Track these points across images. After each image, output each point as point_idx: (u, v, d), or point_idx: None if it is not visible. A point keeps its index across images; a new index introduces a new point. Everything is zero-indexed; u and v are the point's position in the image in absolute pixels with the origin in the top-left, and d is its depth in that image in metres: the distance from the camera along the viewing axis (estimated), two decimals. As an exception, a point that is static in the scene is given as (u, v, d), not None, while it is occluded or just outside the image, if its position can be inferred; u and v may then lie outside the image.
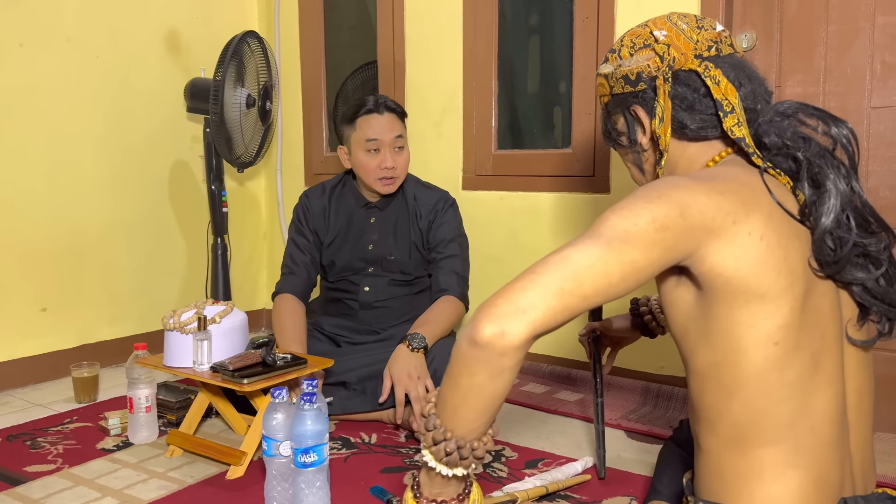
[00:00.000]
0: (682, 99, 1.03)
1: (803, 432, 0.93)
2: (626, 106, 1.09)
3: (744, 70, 1.04)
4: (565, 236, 2.38)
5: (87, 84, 2.53)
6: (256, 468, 1.65)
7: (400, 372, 1.84)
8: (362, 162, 2.10)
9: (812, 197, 0.95)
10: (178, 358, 1.70)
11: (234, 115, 2.48)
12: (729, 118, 1.00)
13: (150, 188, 2.74)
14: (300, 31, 3.03)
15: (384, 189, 2.12)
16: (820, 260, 0.94)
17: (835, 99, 1.93)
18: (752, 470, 0.93)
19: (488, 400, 0.91)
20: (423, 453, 0.98)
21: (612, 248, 0.87)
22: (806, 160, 0.97)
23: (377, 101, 2.10)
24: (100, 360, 2.37)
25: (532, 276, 0.87)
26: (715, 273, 0.90)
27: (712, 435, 0.97)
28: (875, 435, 1.87)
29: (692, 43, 1.04)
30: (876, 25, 1.86)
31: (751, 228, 0.90)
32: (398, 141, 2.10)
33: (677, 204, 0.89)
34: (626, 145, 1.13)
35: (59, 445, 1.84)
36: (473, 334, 0.86)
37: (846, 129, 0.99)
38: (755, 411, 0.93)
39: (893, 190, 1.87)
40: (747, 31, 2.03)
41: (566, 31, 2.38)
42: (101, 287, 2.60)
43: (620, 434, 1.92)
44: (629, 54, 1.08)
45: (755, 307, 0.90)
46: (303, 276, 2.17)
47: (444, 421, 0.95)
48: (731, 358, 0.93)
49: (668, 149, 1.05)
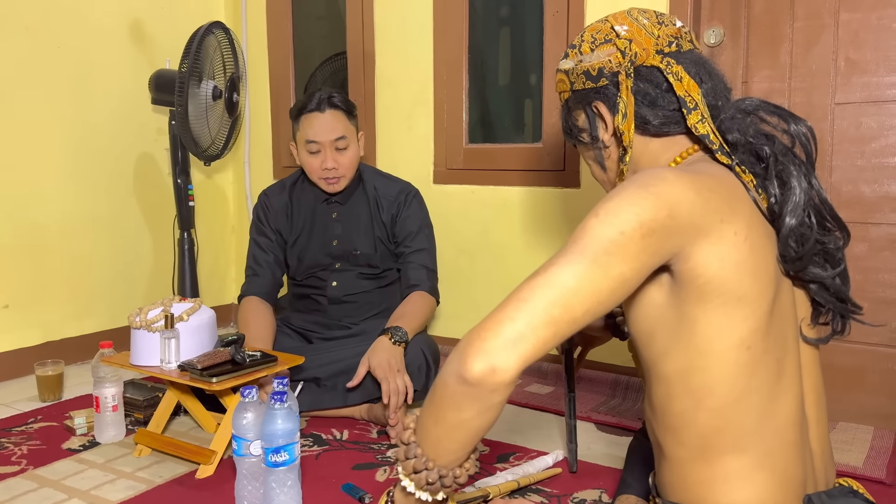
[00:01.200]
0: (645, 95, 1.02)
1: (768, 436, 0.92)
2: (588, 102, 1.08)
3: (704, 66, 1.04)
4: (536, 230, 2.39)
5: (48, 75, 2.46)
6: (227, 467, 1.63)
7: (381, 360, 1.83)
8: (305, 161, 2.09)
9: (779, 195, 0.95)
10: (145, 356, 1.68)
11: (200, 107, 2.44)
12: (693, 115, 0.99)
13: (115, 182, 2.69)
14: (268, 20, 2.99)
15: (328, 188, 2.11)
16: (784, 256, 0.95)
17: (800, 95, 1.95)
18: (718, 477, 0.93)
19: (475, 433, 0.89)
20: (401, 478, 0.96)
21: (598, 264, 0.84)
22: (772, 156, 0.97)
23: (321, 98, 2.05)
24: (64, 357, 2.33)
25: (519, 303, 0.83)
26: (697, 272, 0.88)
27: (677, 443, 0.96)
28: (837, 425, 1.92)
29: (653, 38, 1.03)
30: (840, 22, 1.89)
31: (737, 228, 0.89)
32: (340, 142, 2.06)
33: (665, 203, 0.85)
34: (588, 142, 1.11)
35: (23, 446, 1.80)
36: (462, 371, 0.83)
37: (805, 127, 0.99)
38: (723, 418, 0.92)
39: (856, 184, 1.91)
40: (715, 26, 2.05)
41: (537, 25, 2.38)
42: (65, 283, 2.55)
43: (590, 426, 1.93)
44: (590, 50, 1.06)
45: (732, 310, 0.89)
46: (267, 277, 2.14)
47: (425, 450, 0.92)
48: (702, 363, 0.91)
49: (631, 145, 1.04)
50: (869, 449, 1.76)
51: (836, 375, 1.94)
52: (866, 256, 1.91)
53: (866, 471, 1.63)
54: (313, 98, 2.06)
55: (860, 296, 1.89)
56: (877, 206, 1.89)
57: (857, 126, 1.89)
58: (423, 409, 0.93)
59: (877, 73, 1.86)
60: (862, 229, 1.90)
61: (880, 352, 1.90)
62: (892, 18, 1.83)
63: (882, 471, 1.63)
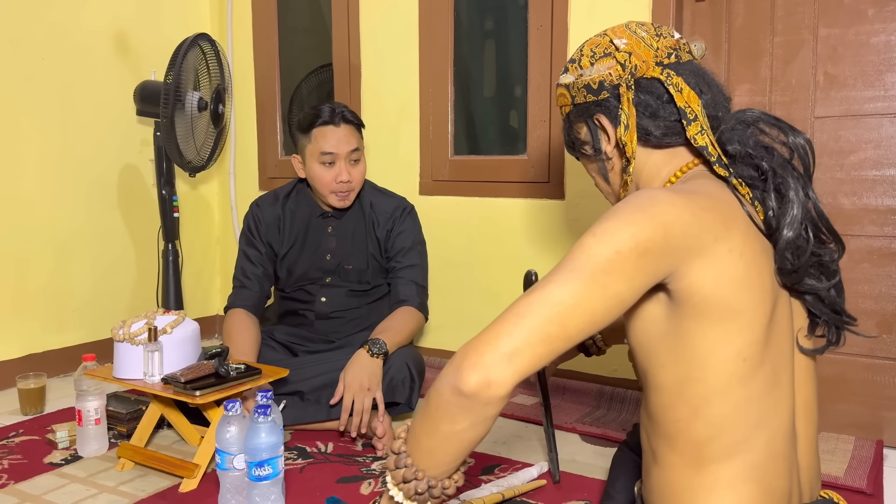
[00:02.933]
0: (646, 106, 1.03)
1: (759, 447, 0.94)
2: (590, 115, 1.09)
3: (704, 77, 1.06)
4: (521, 242, 2.40)
5: (32, 86, 2.45)
6: (210, 480, 1.63)
7: (352, 379, 1.83)
8: (317, 174, 2.07)
9: (777, 208, 0.96)
10: (128, 370, 1.67)
11: (185, 118, 2.44)
12: (692, 126, 1.00)
13: (99, 193, 2.68)
14: (253, 32, 2.99)
15: (339, 203, 2.10)
16: (781, 269, 0.96)
17: (781, 108, 1.98)
18: (705, 485, 0.94)
19: (467, 445, 0.90)
20: (389, 488, 0.96)
21: (595, 282, 0.85)
22: (771, 170, 0.98)
23: (333, 111, 2.05)
24: (46, 370, 2.31)
25: (516, 318, 0.85)
26: (692, 290, 0.89)
27: (671, 450, 0.97)
28: (820, 435, 1.94)
29: (652, 50, 1.04)
30: (819, 37, 1.92)
31: (731, 245, 0.90)
32: (354, 154, 2.07)
33: (660, 224, 0.87)
34: (591, 154, 1.12)
35: (4, 460, 1.78)
36: (458, 383, 0.84)
37: (803, 140, 1.01)
38: (717, 427, 0.93)
39: (835, 197, 1.93)
40: (696, 40, 2.08)
41: (521, 38, 2.40)
42: (47, 295, 2.53)
43: (575, 437, 1.94)
44: (590, 63, 1.07)
45: (729, 323, 0.90)
46: (255, 290, 2.13)
47: (415, 460, 0.93)
48: (699, 374, 0.92)
49: (634, 156, 1.05)
50: (850, 459, 1.77)
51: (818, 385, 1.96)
52: (846, 268, 1.92)
53: (847, 481, 1.64)
54: (324, 111, 2.05)
55: (840, 307, 1.92)
56: (856, 218, 1.91)
57: (836, 139, 1.92)
58: (415, 420, 0.94)
59: (855, 88, 1.89)
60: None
61: (861, 362, 1.93)
62: (869, 34, 1.87)
63: (863, 480, 1.64)
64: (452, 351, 2.56)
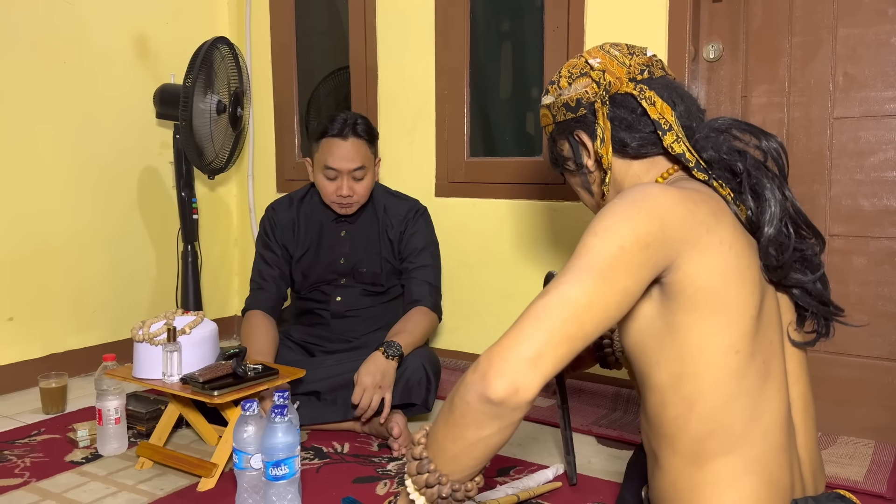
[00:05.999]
0: (621, 120, 1.09)
1: (756, 439, 0.95)
2: (570, 131, 1.15)
3: (676, 90, 1.11)
4: (536, 243, 2.40)
5: (54, 90, 2.49)
6: (228, 480, 1.64)
7: (366, 377, 1.84)
8: (320, 184, 2.09)
9: (755, 207, 1.00)
10: (147, 369, 1.69)
11: (204, 121, 2.46)
12: (668, 135, 1.05)
13: (119, 195, 2.71)
14: (271, 35, 3.02)
15: (340, 211, 2.12)
16: (767, 265, 0.99)
17: (799, 109, 1.97)
18: (707, 481, 0.95)
19: (493, 450, 0.92)
20: (410, 492, 0.97)
21: (604, 279, 0.87)
22: (745, 171, 1.01)
23: (345, 123, 2.04)
24: (68, 369, 2.34)
25: (535, 322, 0.86)
26: (686, 282, 0.92)
27: (671, 451, 0.98)
28: (838, 439, 1.92)
29: (625, 68, 1.10)
30: (838, 37, 1.91)
31: (721, 237, 0.93)
32: (357, 172, 2.06)
33: (657, 217, 0.90)
34: (573, 169, 1.18)
35: (26, 458, 1.81)
36: (486, 391, 0.85)
37: (776, 143, 1.05)
38: (713, 422, 0.94)
39: (855, 198, 1.91)
40: (714, 41, 2.07)
41: (537, 40, 2.40)
42: (68, 296, 2.57)
43: (591, 440, 1.94)
44: (567, 84, 1.14)
45: (721, 316, 0.92)
46: (272, 292, 2.15)
47: (438, 465, 0.94)
48: (693, 369, 0.94)
49: (611, 167, 1.11)
50: (870, 463, 1.76)
51: (837, 389, 1.95)
52: (866, 270, 1.91)
53: (867, 485, 1.63)
54: (336, 122, 2.05)
55: (860, 309, 1.90)
56: (876, 219, 1.89)
57: (856, 140, 1.90)
58: (437, 426, 0.94)
59: (875, 88, 1.87)
60: (861, 243, 1.91)
61: (880, 365, 1.90)
62: (889, 34, 1.85)
63: (883, 485, 1.63)
64: (467, 352, 2.56)
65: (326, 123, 2.07)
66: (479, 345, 2.52)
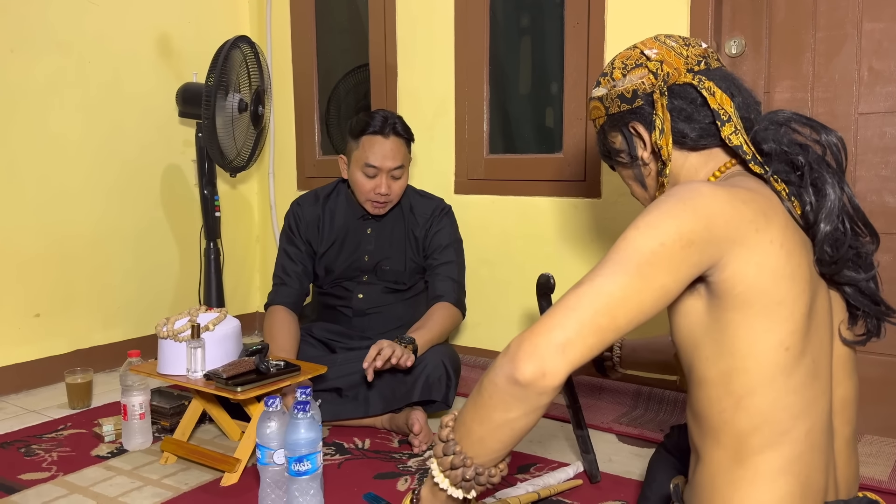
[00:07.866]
0: (681, 111, 1.07)
1: (799, 438, 0.94)
2: (625, 123, 1.13)
3: (734, 82, 1.09)
4: (557, 240, 2.39)
5: (78, 89, 2.52)
6: (250, 475, 1.66)
7: (383, 341, 1.85)
8: (358, 181, 2.09)
9: (815, 202, 0.98)
10: (171, 365, 1.71)
11: (226, 119, 2.48)
12: (727, 126, 1.04)
13: (143, 193, 2.74)
14: (292, 34, 3.03)
15: (374, 211, 2.13)
16: (821, 260, 0.98)
17: (823, 105, 1.94)
18: (746, 477, 0.95)
19: (519, 434, 0.93)
20: (434, 475, 0.99)
21: (642, 274, 0.88)
22: (807, 165, 1.00)
23: (385, 121, 2.06)
24: (93, 365, 2.38)
25: (568, 311, 0.88)
26: (735, 280, 0.91)
27: (715, 444, 0.98)
28: (862, 437, 1.90)
29: (683, 59, 1.09)
30: (863, 32, 1.88)
31: (772, 236, 0.92)
32: (396, 171, 2.08)
33: (703, 216, 0.89)
34: (627, 162, 1.16)
35: (53, 452, 1.84)
36: (514, 373, 0.87)
37: (835, 137, 1.03)
38: (760, 417, 0.94)
39: (880, 194, 1.89)
40: (736, 36, 2.05)
41: (557, 36, 2.39)
42: (94, 292, 2.61)
43: (611, 437, 1.93)
44: (622, 75, 1.12)
45: (772, 313, 0.92)
46: (295, 287, 2.17)
47: (464, 448, 0.96)
48: (742, 364, 0.93)
49: (670, 158, 1.09)
50: (895, 462, 1.74)
51: (861, 387, 1.91)
52: (891, 267, 1.89)
53: (892, 485, 1.61)
54: (376, 119, 2.06)
55: (885, 307, 1.88)
56: (902, 216, 1.87)
57: (881, 136, 1.88)
58: (466, 409, 0.96)
59: (901, 83, 1.85)
60: (887, 239, 1.88)
61: (906, 364, 1.88)
62: (916, 28, 1.82)
63: (908, 485, 1.61)
64: (488, 349, 2.56)
65: (367, 120, 2.07)
66: (499, 341, 2.52)
